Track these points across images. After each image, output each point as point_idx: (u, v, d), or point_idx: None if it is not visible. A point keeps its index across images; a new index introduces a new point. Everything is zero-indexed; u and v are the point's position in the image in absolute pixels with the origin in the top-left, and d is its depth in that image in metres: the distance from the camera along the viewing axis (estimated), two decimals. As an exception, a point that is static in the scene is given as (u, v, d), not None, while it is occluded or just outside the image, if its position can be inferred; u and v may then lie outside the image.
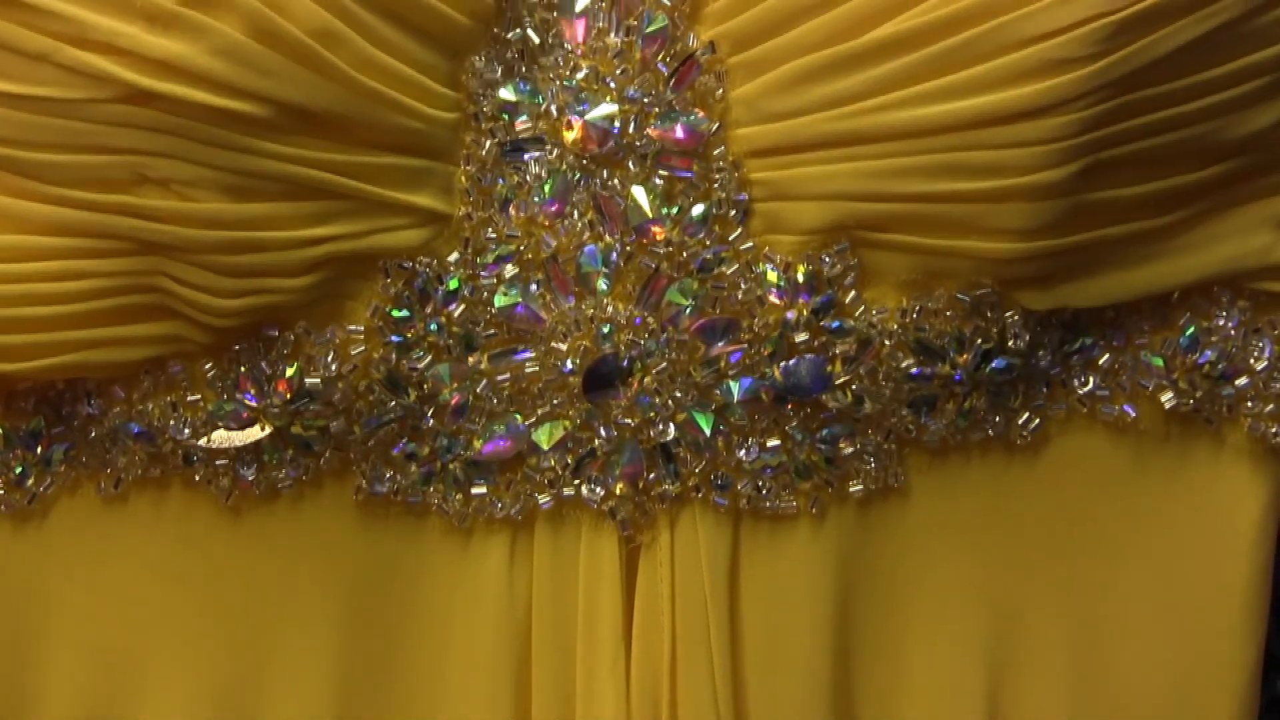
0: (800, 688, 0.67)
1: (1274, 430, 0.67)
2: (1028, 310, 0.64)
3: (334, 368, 0.63)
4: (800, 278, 0.62)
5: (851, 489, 0.67)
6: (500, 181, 0.62)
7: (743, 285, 0.63)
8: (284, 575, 0.68)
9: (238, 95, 0.56)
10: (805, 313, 0.63)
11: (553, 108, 0.62)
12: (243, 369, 0.63)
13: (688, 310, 0.63)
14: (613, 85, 0.61)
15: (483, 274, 0.62)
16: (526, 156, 0.62)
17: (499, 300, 0.62)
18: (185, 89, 0.55)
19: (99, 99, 0.56)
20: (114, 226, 0.58)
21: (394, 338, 0.63)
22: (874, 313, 0.64)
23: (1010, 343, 0.64)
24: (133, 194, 0.58)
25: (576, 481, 0.65)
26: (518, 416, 0.65)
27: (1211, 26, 0.57)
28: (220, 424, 0.64)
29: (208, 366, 0.63)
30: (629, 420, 0.64)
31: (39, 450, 0.66)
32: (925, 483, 0.68)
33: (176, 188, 0.58)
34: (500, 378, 0.64)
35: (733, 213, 0.62)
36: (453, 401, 0.64)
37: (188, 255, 0.59)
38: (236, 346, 0.63)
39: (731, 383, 0.64)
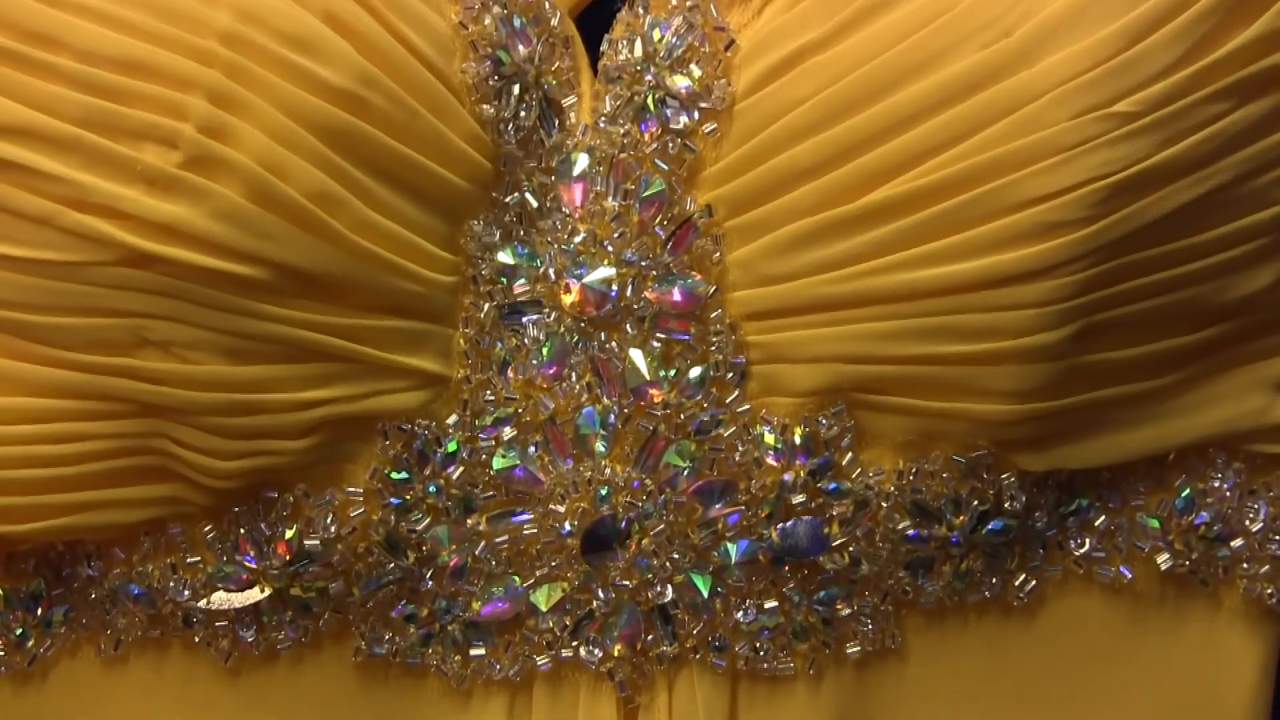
0: None
1: (1269, 592, 0.64)
2: (1024, 472, 0.61)
3: (333, 530, 0.60)
4: (797, 440, 0.60)
5: (849, 650, 0.64)
6: (499, 344, 0.60)
7: (740, 447, 0.60)
8: (284, 737, 0.65)
9: (237, 258, 0.54)
10: (802, 474, 0.60)
11: (550, 271, 0.60)
12: (242, 531, 0.60)
13: (685, 472, 0.60)
14: (610, 249, 0.59)
15: (481, 436, 0.60)
16: (524, 319, 0.60)
17: (497, 462, 0.60)
18: (186, 252, 0.53)
19: (100, 262, 0.54)
20: (114, 389, 0.56)
21: (393, 500, 0.60)
22: (871, 474, 0.61)
23: (1006, 504, 0.61)
24: (133, 356, 0.56)
25: (575, 643, 0.62)
26: (516, 578, 0.62)
27: (1207, 189, 0.55)
28: (220, 586, 0.61)
29: (207, 528, 0.61)
30: (627, 582, 0.61)
31: (39, 612, 0.63)
32: (922, 644, 0.65)
33: (176, 350, 0.56)
34: (499, 539, 0.61)
35: (730, 375, 0.60)
36: (451, 563, 0.61)
37: (187, 417, 0.57)
38: (236, 508, 0.60)
39: (729, 544, 0.61)
